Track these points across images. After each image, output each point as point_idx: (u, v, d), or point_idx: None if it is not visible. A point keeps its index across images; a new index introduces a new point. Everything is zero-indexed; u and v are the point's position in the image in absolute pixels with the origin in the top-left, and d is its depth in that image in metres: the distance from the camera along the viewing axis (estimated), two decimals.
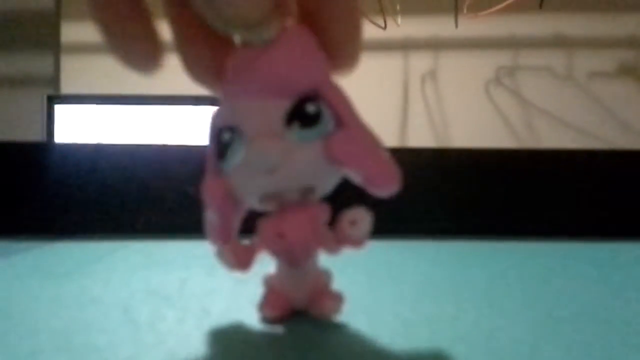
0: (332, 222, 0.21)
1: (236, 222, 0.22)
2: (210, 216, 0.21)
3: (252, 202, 0.21)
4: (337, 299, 0.23)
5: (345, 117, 0.20)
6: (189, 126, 1.00)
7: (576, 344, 0.20)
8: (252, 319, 0.23)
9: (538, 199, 0.59)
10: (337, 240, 0.21)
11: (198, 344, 0.20)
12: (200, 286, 0.30)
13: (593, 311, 0.25)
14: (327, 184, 0.21)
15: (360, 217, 0.21)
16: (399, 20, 0.79)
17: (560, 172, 0.60)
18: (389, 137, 0.89)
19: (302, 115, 0.19)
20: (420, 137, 0.89)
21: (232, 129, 0.19)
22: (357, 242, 0.21)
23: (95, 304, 0.26)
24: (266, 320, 0.23)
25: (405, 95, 0.89)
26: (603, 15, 0.86)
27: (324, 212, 0.21)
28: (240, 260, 0.22)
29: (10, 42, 1.09)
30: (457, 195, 0.59)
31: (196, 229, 0.24)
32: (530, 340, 0.20)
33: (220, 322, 0.23)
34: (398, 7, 0.78)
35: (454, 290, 0.29)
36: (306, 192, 0.20)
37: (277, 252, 0.21)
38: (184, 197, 0.53)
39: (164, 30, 0.21)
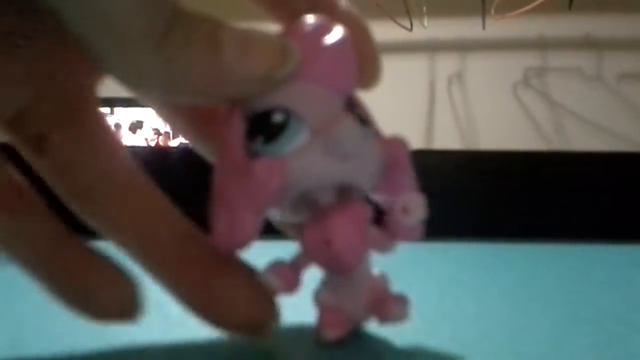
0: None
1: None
2: (242, 209, 0.18)
3: (324, 195, 0.18)
4: (403, 302, 0.20)
5: None
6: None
7: (598, 345, 0.20)
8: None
9: (566, 201, 0.59)
10: (389, 235, 0.19)
11: (227, 339, 0.21)
12: None
13: (615, 312, 0.25)
14: (367, 186, 0.19)
15: (415, 203, 0.19)
16: (426, 21, 0.79)
17: (589, 174, 0.59)
18: (416, 139, 0.89)
19: (359, 111, 0.18)
20: (447, 139, 0.88)
21: (285, 110, 0.17)
22: (412, 232, 0.19)
23: None
24: (328, 342, 0.20)
25: (431, 97, 0.89)
26: (633, 16, 0.85)
27: (365, 210, 0.18)
28: (286, 281, 0.19)
29: None
30: (484, 198, 0.59)
31: None
32: (553, 341, 0.21)
33: None
34: (424, 9, 0.78)
35: (477, 291, 0.30)
36: (343, 190, 0.18)
37: (324, 262, 0.19)
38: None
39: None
